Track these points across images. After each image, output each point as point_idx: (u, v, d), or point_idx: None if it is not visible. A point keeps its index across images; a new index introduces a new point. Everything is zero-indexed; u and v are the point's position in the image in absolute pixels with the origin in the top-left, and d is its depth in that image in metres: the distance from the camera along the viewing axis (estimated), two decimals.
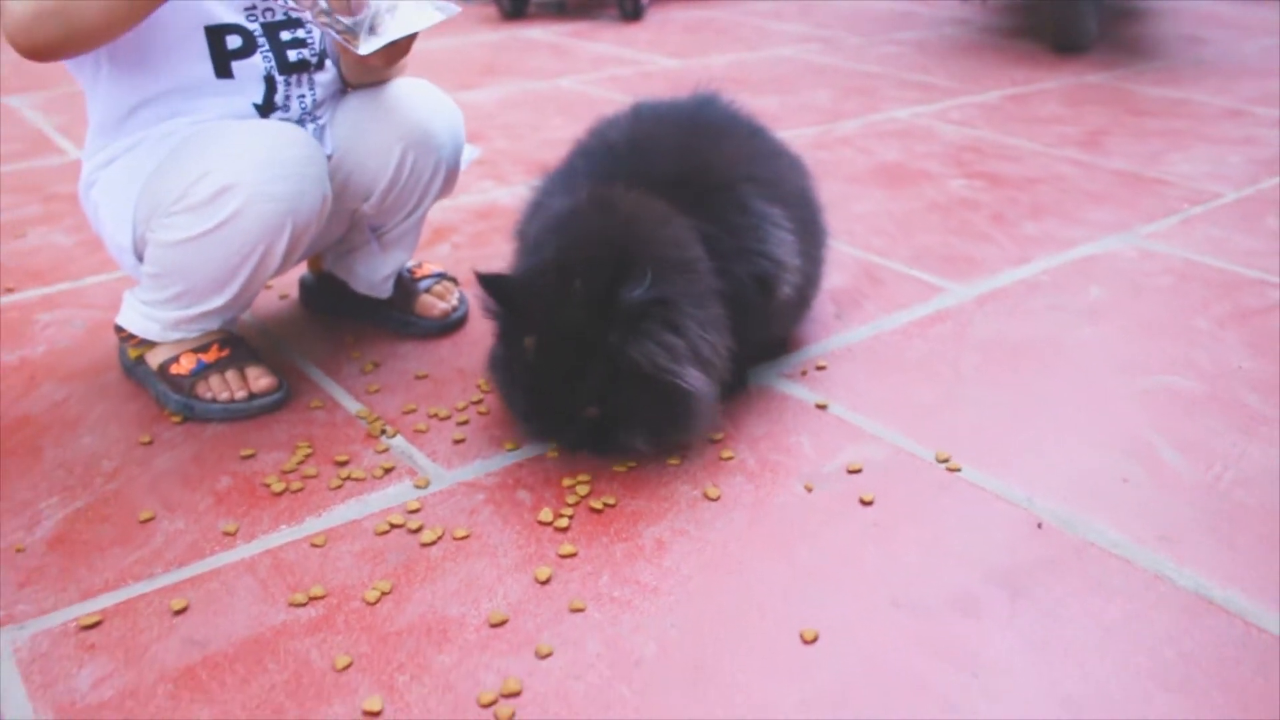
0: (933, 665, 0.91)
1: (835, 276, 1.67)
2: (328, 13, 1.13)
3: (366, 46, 1.15)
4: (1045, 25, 3.52)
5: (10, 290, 1.74)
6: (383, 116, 1.33)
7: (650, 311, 1.07)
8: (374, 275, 1.48)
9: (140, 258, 1.29)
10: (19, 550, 1.08)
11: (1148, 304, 1.61)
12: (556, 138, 2.54)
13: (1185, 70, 3.30)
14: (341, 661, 0.92)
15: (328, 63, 1.36)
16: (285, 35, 1.29)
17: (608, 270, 1.06)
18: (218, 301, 1.27)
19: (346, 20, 1.13)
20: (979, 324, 1.55)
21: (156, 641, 0.95)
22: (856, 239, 1.86)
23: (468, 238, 1.89)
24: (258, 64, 1.28)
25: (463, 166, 1.48)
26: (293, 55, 1.30)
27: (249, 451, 1.24)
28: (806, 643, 0.94)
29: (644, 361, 1.07)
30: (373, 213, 1.39)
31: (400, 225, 1.44)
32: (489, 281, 1.12)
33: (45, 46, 1.12)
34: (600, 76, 3.20)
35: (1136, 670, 0.90)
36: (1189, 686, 0.89)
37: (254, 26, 1.27)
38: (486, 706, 0.87)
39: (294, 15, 1.26)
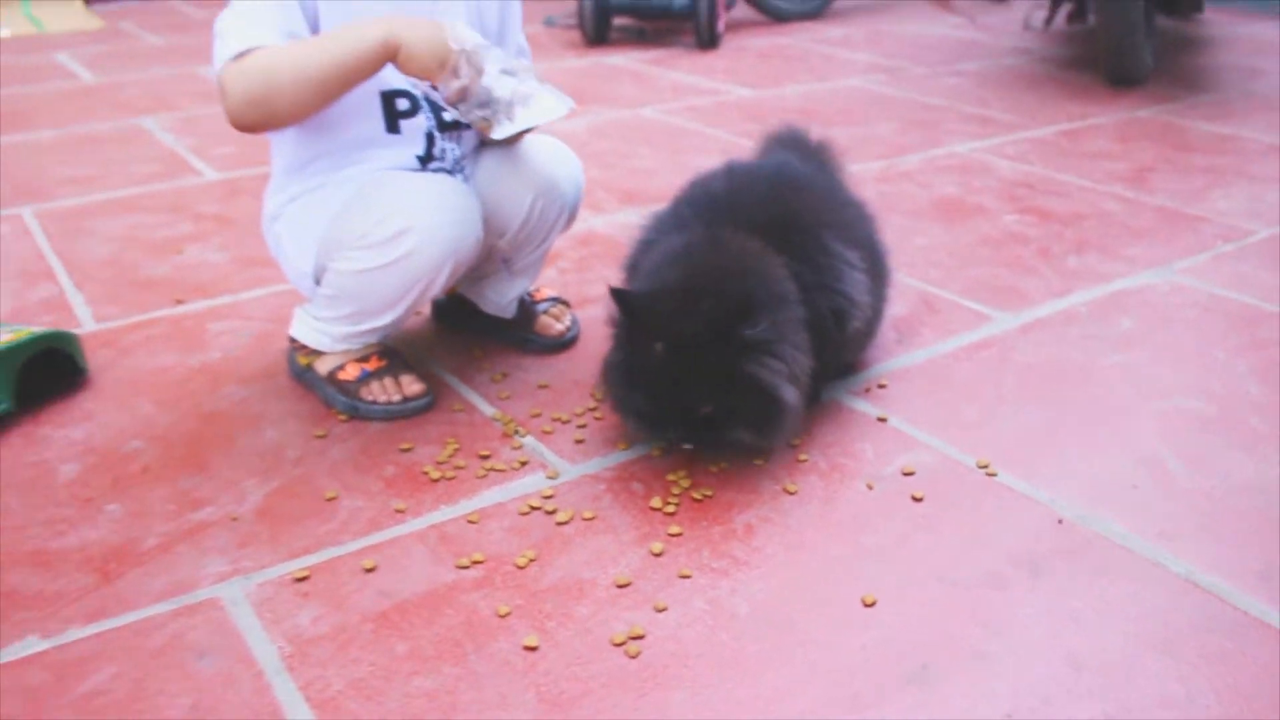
0: (967, 625, 1.15)
1: (897, 305, 1.91)
2: (464, 102, 1.39)
3: (500, 132, 1.40)
4: (1101, 58, 3.68)
5: (180, 301, 2.02)
6: (517, 170, 1.60)
7: (762, 343, 1.32)
8: (502, 299, 1.74)
9: (318, 282, 1.56)
10: (234, 519, 1.36)
11: (1173, 334, 1.83)
12: (643, 167, 2.80)
13: (1236, 104, 3.47)
14: (503, 610, 1.18)
15: None
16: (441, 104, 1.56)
17: (733, 302, 1.31)
18: (383, 321, 1.54)
19: (480, 112, 1.39)
20: (1021, 350, 1.78)
21: (355, 592, 1.22)
22: (916, 271, 2.10)
23: (572, 263, 2.15)
24: (421, 123, 1.55)
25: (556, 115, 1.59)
26: (447, 116, 1.56)
27: (407, 445, 1.51)
28: (867, 606, 1.18)
29: (755, 379, 1.32)
30: (506, 248, 1.66)
31: (527, 258, 1.70)
32: (622, 296, 1.37)
33: (253, 127, 1.41)
34: (680, 106, 3.45)
35: (1132, 636, 1.14)
36: (1174, 651, 1.12)
37: (418, 92, 1.54)
38: (618, 645, 1.12)
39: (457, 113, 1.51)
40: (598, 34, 4.48)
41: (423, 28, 1.37)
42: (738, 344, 1.32)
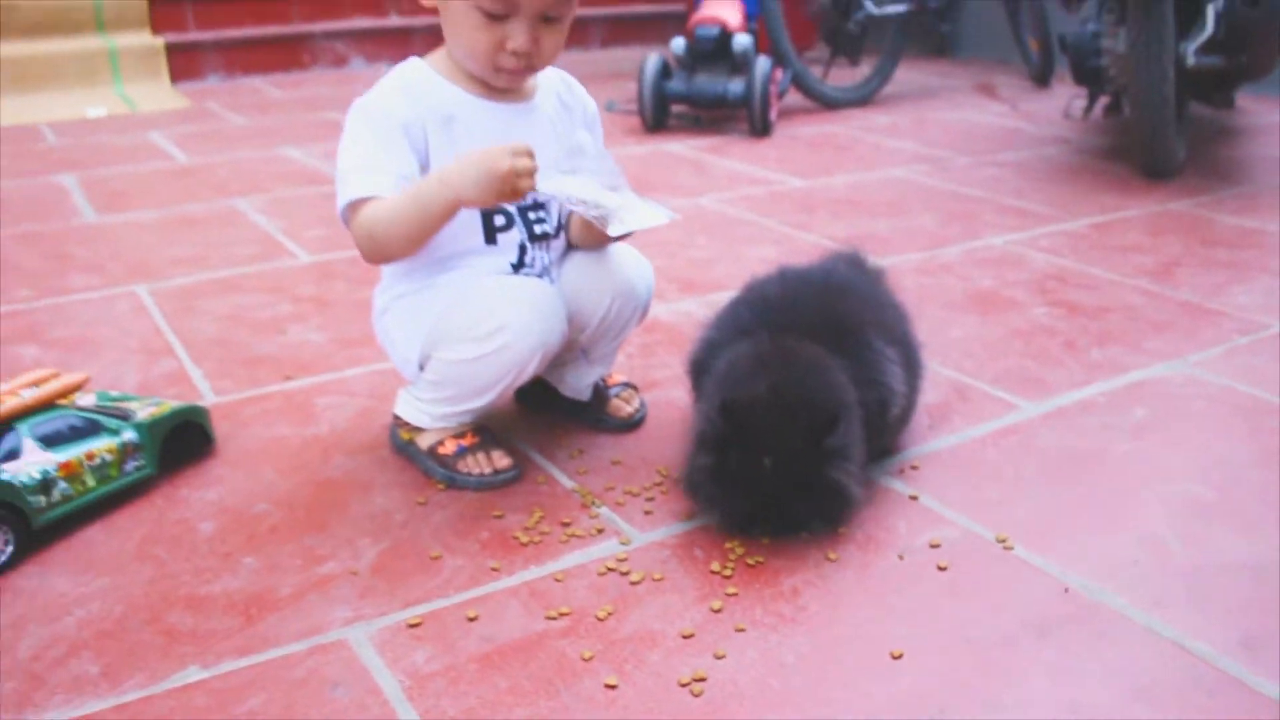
0: (981, 678, 1.36)
1: (931, 393, 2.11)
2: (586, 203, 1.64)
3: (614, 230, 1.65)
4: (1136, 151, 3.87)
5: (288, 378, 2.27)
6: (598, 274, 1.84)
7: (841, 448, 1.57)
8: (579, 384, 1.98)
9: (421, 368, 1.80)
10: (353, 573, 1.59)
11: (1182, 424, 2.03)
12: (701, 257, 3.03)
13: (1263, 197, 3.64)
14: (586, 654, 1.40)
15: (561, 234, 1.87)
16: (532, 215, 1.81)
17: (822, 416, 1.56)
18: (478, 403, 1.78)
19: (597, 212, 1.63)
20: (1041, 436, 1.99)
21: (461, 638, 1.44)
22: (950, 361, 2.31)
23: (638, 349, 2.38)
24: (515, 235, 1.79)
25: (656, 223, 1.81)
26: (538, 229, 1.81)
27: (499, 513, 1.73)
28: (894, 658, 1.39)
29: (836, 484, 1.58)
30: (585, 341, 1.89)
31: (603, 349, 1.93)
32: (732, 410, 1.57)
33: (375, 261, 1.72)
34: (735, 195, 3.69)
35: (1124, 692, 1.34)
36: (1161, 705, 1.32)
37: (513, 209, 1.78)
38: (684, 685, 1.34)
39: (569, 208, 1.73)
40: (656, 121, 4.74)
41: (472, 173, 1.54)
42: (825, 453, 1.57)
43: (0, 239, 3.28)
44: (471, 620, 1.47)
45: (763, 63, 4.60)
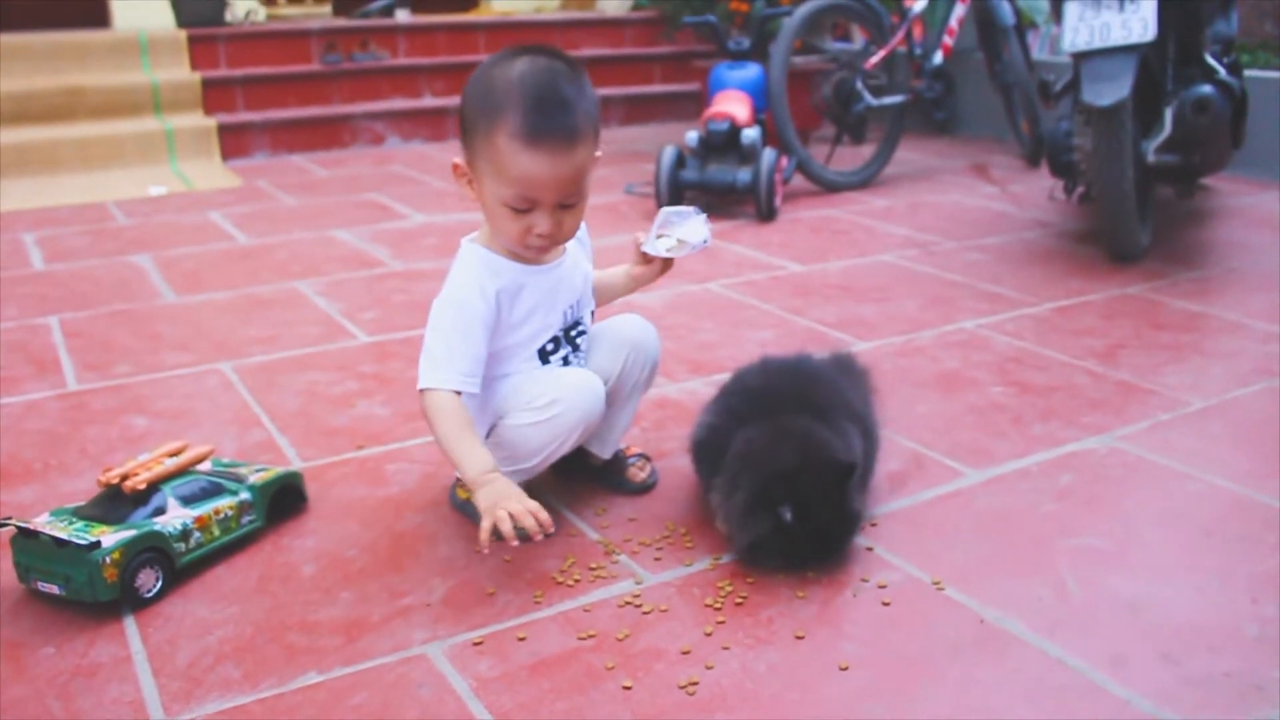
0: (911, 684, 1.79)
1: (894, 461, 2.55)
2: (677, 246, 2.19)
3: (680, 253, 2.19)
4: (1103, 236, 4.16)
5: (360, 447, 2.73)
6: (613, 336, 2.31)
7: (856, 491, 2.06)
8: (604, 441, 2.41)
9: (487, 437, 2.27)
10: (428, 605, 2.03)
11: (1100, 488, 2.43)
12: (706, 340, 3.47)
13: (1215, 280, 3.89)
14: (609, 664, 1.84)
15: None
16: (574, 332, 2.28)
17: (842, 471, 2.03)
18: (529, 464, 2.23)
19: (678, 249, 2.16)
20: (980, 499, 2.42)
21: (514, 652, 1.89)
22: (913, 434, 2.74)
23: (651, 423, 2.83)
24: (561, 352, 2.27)
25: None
26: (580, 342, 2.30)
27: (539, 559, 2.19)
28: (842, 669, 1.83)
29: (857, 510, 2.07)
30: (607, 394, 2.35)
31: (621, 405, 2.37)
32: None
33: None
34: (739, 281, 4.11)
35: (1014, 695, 1.77)
36: (1041, 707, 1.76)
37: (559, 332, 2.25)
38: (681, 687, 1.78)
39: (668, 254, 2.26)
40: (671, 204, 5.20)
41: (490, 491, 1.94)
42: (850, 496, 2.06)
43: (96, 317, 3.76)
44: (521, 640, 1.92)
45: (768, 154, 5.06)
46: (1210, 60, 4.22)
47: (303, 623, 1.96)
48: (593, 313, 2.35)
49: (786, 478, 2.02)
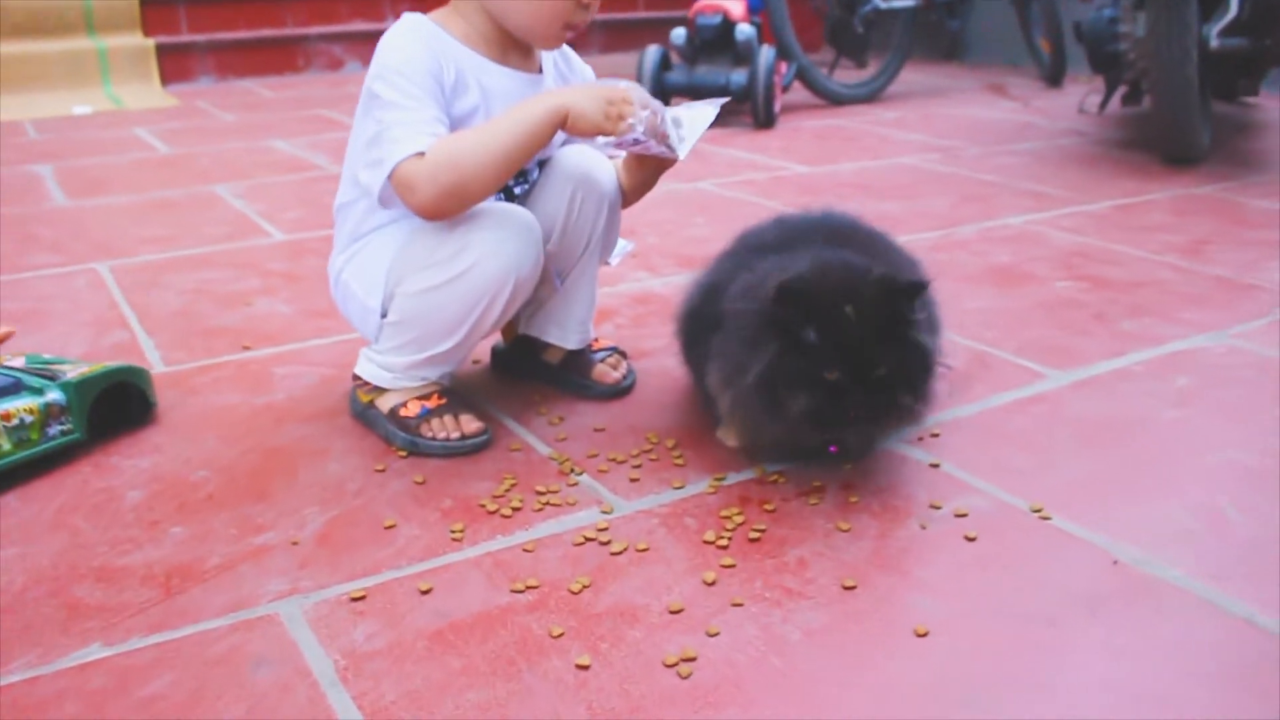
0: (1022, 659, 1.15)
1: (949, 362, 1.91)
2: (663, 140, 1.52)
3: (683, 152, 1.55)
4: (1158, 137, 3.69)
5: (248, 348, 2.08)
6: (554, 169, 1.68)
7: (924, 323, 1.44)
8: (564, 327, 1.79)
9: (385, 315, 1.60)
10: (294, 543, 1.38)
11: (1228, 393, 1.83)
12: (699, 235, 2.84)
13: None
14: (556, 631, 1.19)
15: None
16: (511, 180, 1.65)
17: (906, 288, 1.41)
18: (444, 346, 1.58)
19: (659, 147, 1.52)
20: (1073, 405, 1.79)
21: (410, 612, 1.24)
22: (969, 331, 2.11)
23: (628, 319, 2.19)
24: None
25: (616, 261, 1.81)
26: (517, 191, 1.67)
27: (465, 480, 1.53)
28: (919, 636, 1.18)
29: (924, 344, 1.42)
30: (554, 250, 1.70)
31: (578, 266, 1.75)
32: (792, 291, 1.38)
33: (448, 215, 1.52)
34: (736, 180, 3.50)
35: (1185, 673, 1.13)
36: (1226, 685, 1.11)
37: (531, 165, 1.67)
38: (670, 666, 1.13)
39: (641, 151, 1.59)
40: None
41: (584, 92, 1.49)
42: (910, 312, 1.42)
43: None
44: (424, 593, 1.27)
45: (766, 53, 4.43)
46: None
47: (103, 570, 1.31)
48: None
49: (813, 282, 1.41)
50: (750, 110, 4.49)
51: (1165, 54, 3.39)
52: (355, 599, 1.26)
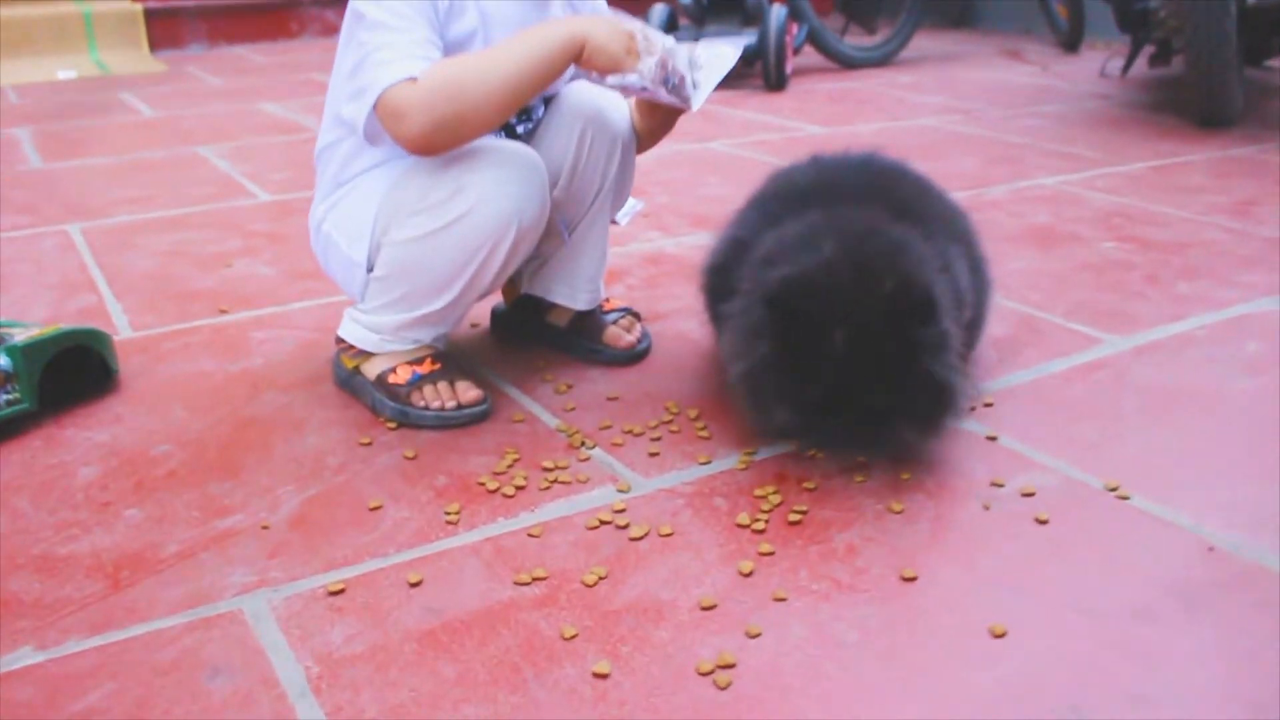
0: (1117, 662, 0.97)
1: (994, 326, 1.74)
2: (670, 88, 1.34)
3: (696, 102, 1.37)
4: (1191, 98, 3.52)
5: (225, 311, 1.90)
6: (562, 104, 1.50)
7: (940, 341, 1.21)
8: (573, 283, 1.60)
9: (371, 269, 1.42)
10: (265, 527, 1.21)
11: None
12: (713, 194, 2.66)
13: None
14: (568, 632, 1.01)
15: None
16: (513, 119, 1.48)
17: (913, 289, 1.20)
18: (437, 304, 1.40)
19: (670, 95, 1.34)
20: (1137, 372, 1.61)
21: (397, 608, 1.06)
22: (1013, 293, 1.93)
23: (640, 280, 2.01)
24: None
25: (625, 220, 1.63)
26: (535, 110, 1.49)
27: (461, 455, 1.35)
28: (996, 636, 1.01)
29: (938, 373, 1.21)
30: (562, 197, 1.52)
31: (587, 216, 1.56)
32: (785, 301, 1.21)
33: (438, 148, 1.33)
34: (750, 140, 3.32)
35: None
36: None
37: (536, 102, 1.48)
38: (705, 674, 0.96)
39: (648, 99, 1.42)
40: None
41: (602, 22, 1.35)
42: (918, 337, 1.21)
43: None
44: (414, 586, 1.09)
45: (777, 11, 4.25)
46: None
47: (44, 560, 1.14)
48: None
49: (799, 285, 1.23)
50: (761, 72, 4.30)
51: (1203, 10, 3.21)
52: (333, 593, 1.09)
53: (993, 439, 1.39)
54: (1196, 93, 3.47)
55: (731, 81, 4.37)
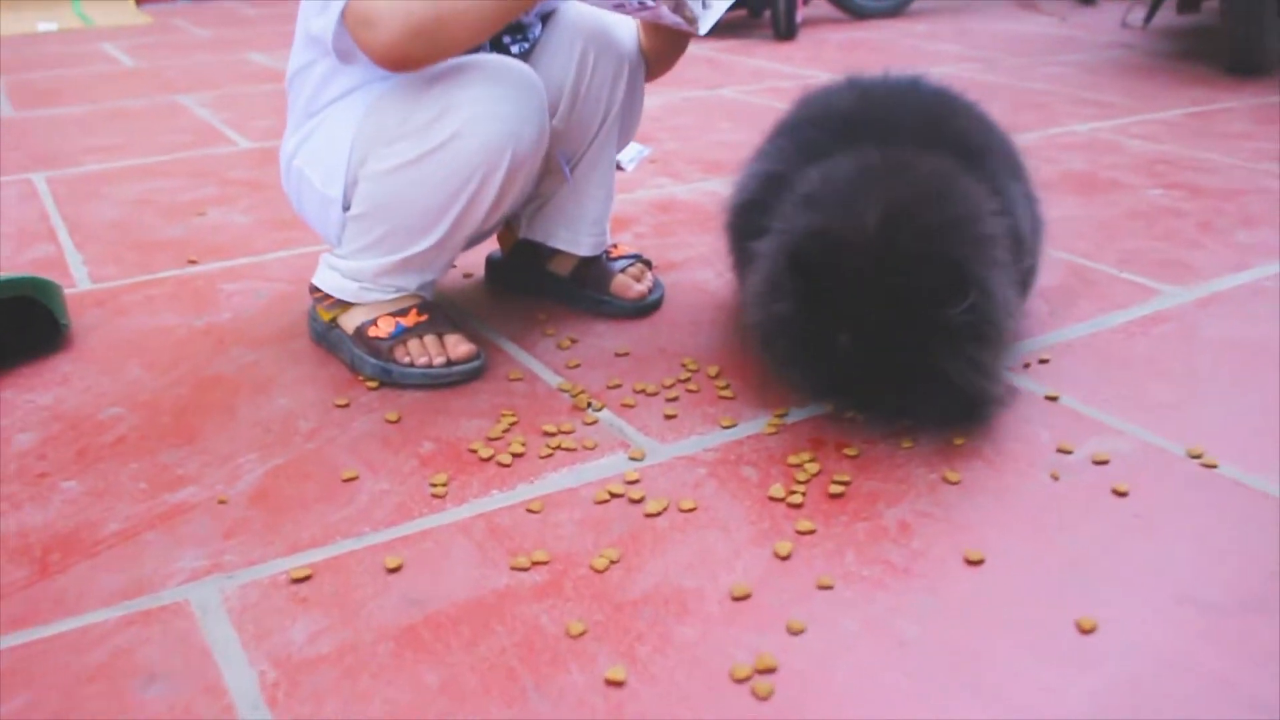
0: (1233, 663, 0.81)
1: (1042, 276, 1.57)
2: (675, 5, 1.18)
3: (704, 26, 1.22)
4: (1224, 45, 3.35)
5: (193, 262, 1.74)
6: (564, 24, 1.34)
7: (967, 330, 1.05)
8: (576, 226, 1.43)
9: (348, 208, 1.25)
10: (221, 501, 1.05)
11: None
12: (724, 140, 2.49)
13: None
14: (575, 628, 0.85)
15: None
16: (508, 39, 1.33)
17: (937, 275, 1.04)
18: (422, 245, 1.24)
19: (675, 16, 1.18)
20: (1205, 325, 1.45)
21: (372, 599, 0.90)
22: (1058, 242, 1.76)
23: (649, 228, 1.84)
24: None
25: (632, 166, 1.47)
26: (514, 51, 1.34)
27: (451, 418, 1.19)
28: (1084, 633, 0.84)
29: (952, 377, 1.06)
30: (562, 126, 1.35)
31: (591, 150, 1.39)
32: (811, 252, 1.05)
33: (415, 63, 1.16)
34: (760, 87, 3.15)
35: None
36: None
37: (531, 19, 1.33)
38: (741, 681, 0.79)
39: (650, 19, 1.27)
40: None
41: None
42: (939, 329, 1.06)
43: None
44: (392, 572, 0.93)
45: None
46: None
47: None
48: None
49: (810, 258, 1.08)
50: (770, 21, 4.14)
51: None
52: (296, 580, 0.92)
53: (1053, 399, 1.23)
54: (1231, 39, 3.32)
55: (739, 30, 4.20)
